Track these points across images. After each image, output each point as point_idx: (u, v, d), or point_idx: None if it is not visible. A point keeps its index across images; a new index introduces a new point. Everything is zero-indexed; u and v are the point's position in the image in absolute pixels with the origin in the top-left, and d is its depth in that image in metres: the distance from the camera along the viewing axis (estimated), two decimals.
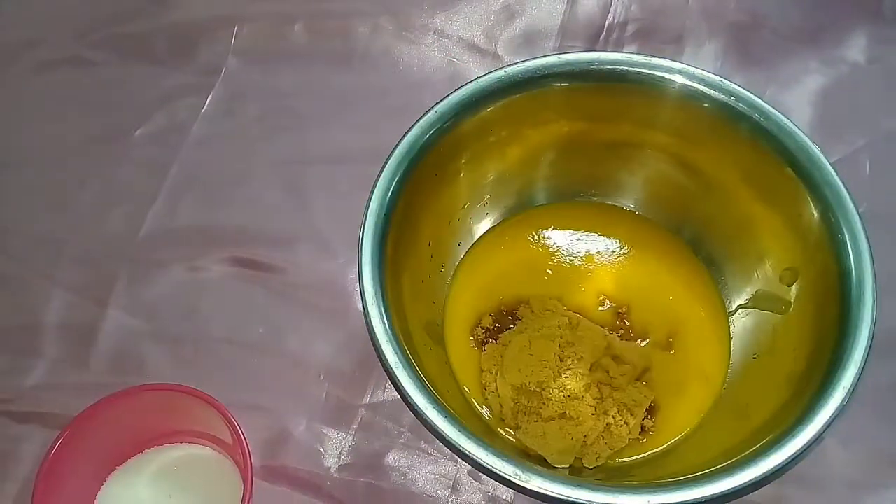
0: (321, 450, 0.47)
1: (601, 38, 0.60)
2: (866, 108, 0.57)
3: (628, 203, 0.52)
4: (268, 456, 0.47)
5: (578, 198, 0.52)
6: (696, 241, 0.51)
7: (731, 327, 0.49)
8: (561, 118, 0.47)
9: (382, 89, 0.59)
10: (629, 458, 0.45)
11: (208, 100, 0.58)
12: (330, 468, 0.47)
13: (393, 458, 0.47)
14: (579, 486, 0.35)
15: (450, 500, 0.46)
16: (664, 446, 0.45)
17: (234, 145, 0.57)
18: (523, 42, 0.60)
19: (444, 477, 0.47)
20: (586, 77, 0.45)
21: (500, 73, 0.44)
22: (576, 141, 0.49)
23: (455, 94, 0.44)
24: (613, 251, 0.51)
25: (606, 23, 0.60)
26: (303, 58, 0.60)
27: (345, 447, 0.47)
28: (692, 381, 0.47)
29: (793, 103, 0.57)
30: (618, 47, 0.59)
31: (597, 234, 0.52)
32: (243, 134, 0.57)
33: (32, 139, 0.58)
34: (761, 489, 0.46)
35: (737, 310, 0.49)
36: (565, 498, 0.35)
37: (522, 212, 0.52)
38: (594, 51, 0.58)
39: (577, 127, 0.48)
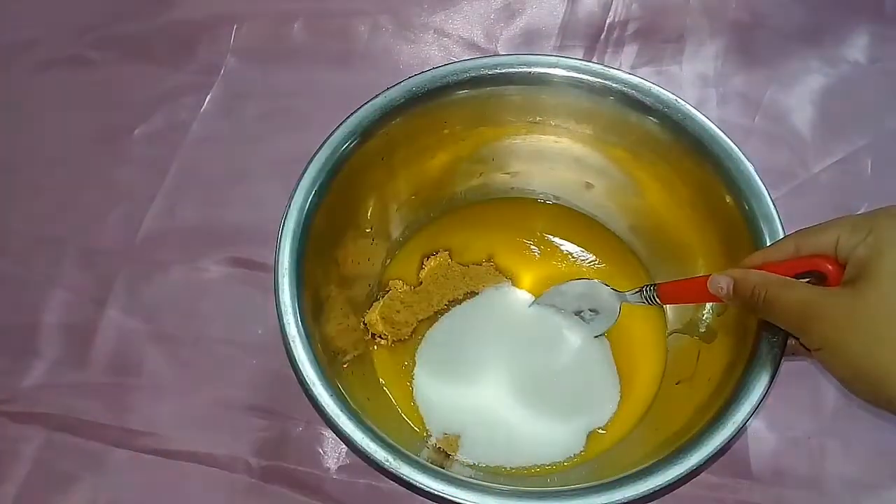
0: (321, 450, 0.47)
1: (602, 37, 0.59)
2: (868, 107, 0.57)
3: (582, 208, 0.53)
4: (268, 456, 0.47)
5: (519, 195, 0.53)
6: (645, 262, 0.51)
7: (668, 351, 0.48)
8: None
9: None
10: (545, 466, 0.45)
11: (207, 99, 0.58)
12: (329, 469, 0.47)
13: None
14: (458, 483, 0.36)
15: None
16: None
17: (234, 145, 0.57)
18: (523, 41, 0.60)
19: None
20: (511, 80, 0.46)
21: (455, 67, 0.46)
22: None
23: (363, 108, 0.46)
24: (568, 253, 0.52)
25: (607, 22, 0.59)
26: (302, 57, 0.60)
27: (344, 448, 0.47)
28: (624, 400, 0.47)
29: (794, 103, 0.57)
30: (618, 46, 0.59)
31: (548, 236, 0.53)
32: (243, 133, 0.57)
33: (32, 139, 0.58)
34: (760, 489, 0.46)
35: (672, 333, 0.49)
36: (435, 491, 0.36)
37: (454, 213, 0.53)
38: (592, 55, 0.59)
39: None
